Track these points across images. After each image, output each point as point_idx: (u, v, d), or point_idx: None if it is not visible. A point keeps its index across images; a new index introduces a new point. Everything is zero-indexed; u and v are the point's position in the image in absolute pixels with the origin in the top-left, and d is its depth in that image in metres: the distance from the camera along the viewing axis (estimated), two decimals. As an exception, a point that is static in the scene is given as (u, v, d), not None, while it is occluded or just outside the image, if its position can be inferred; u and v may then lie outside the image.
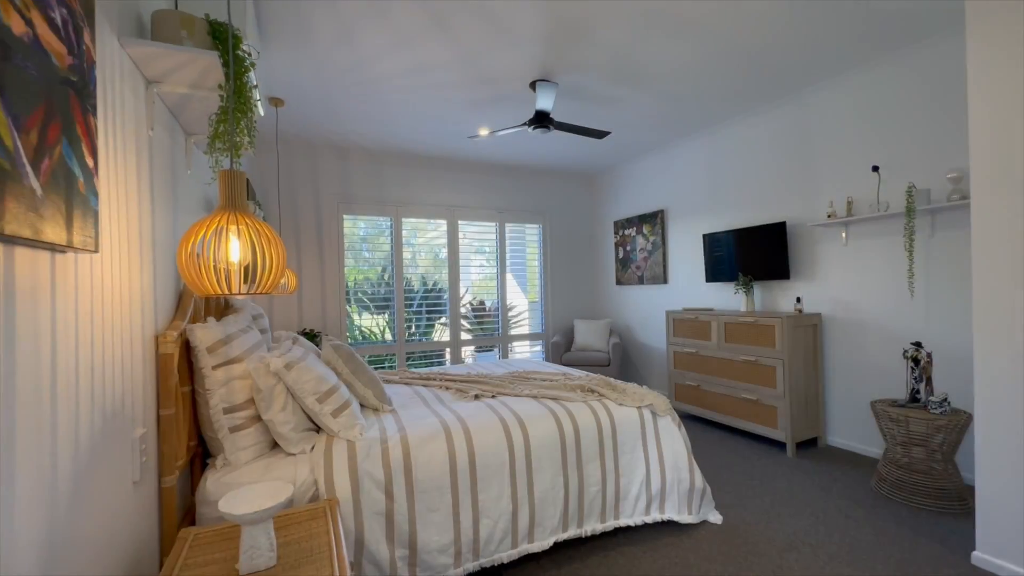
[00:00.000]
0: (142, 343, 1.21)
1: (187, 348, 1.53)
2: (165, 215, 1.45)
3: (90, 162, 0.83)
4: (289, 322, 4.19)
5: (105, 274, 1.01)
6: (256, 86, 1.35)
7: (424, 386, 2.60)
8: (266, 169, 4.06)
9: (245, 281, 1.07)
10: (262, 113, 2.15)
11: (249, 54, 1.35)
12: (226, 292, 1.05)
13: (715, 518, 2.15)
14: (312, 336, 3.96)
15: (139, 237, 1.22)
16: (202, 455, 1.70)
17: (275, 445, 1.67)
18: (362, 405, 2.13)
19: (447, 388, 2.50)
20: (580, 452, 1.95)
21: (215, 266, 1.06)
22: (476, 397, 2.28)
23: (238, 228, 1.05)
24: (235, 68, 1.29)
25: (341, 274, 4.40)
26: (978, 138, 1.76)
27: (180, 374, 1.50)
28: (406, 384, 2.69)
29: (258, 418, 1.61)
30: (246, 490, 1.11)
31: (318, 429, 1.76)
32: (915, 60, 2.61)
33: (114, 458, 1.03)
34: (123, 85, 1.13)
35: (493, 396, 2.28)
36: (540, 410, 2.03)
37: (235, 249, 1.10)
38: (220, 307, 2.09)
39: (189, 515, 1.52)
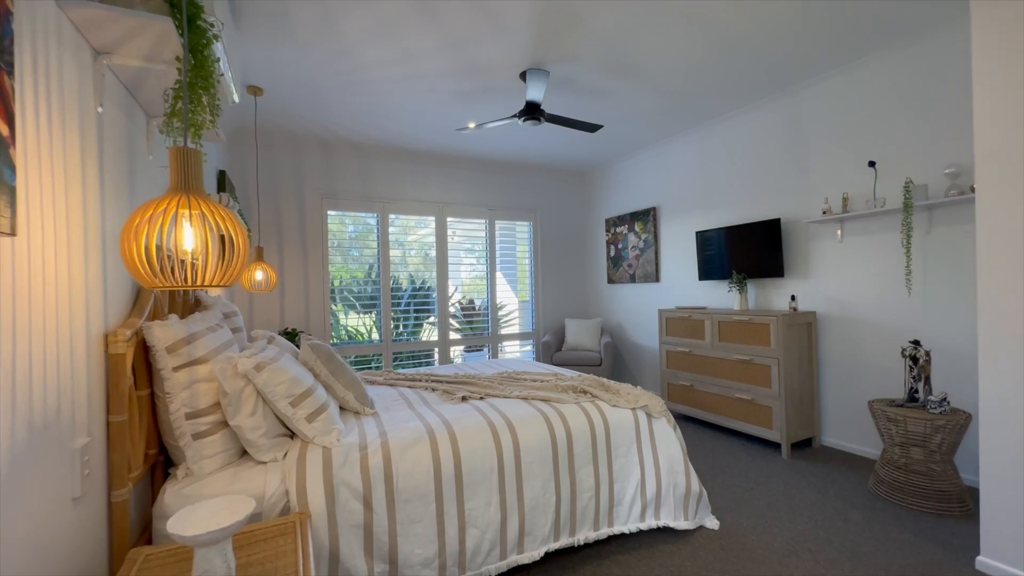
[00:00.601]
0: (86, 343, 1.08)
1: (147, 349, 1.40)
2: (119, 202, 1.32)
3: (4, 130, 0.71)
4: (270, 321, 4.04)
5: (34, 263, 0.88)
6: (219, 59, 1.23)
7: (409, 387, 2.49)
8: (246, 161, 3.90)
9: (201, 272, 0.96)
10: (236, 99, 2.02)
11: (212, 25, 1.23)
12: (177, 285, 0.94)
13: (712, 523, 2.07)
14: (293, 336, 3.81)
15: (83, 224, 1.09)
16: (165, 464, 1.57)
17: (244, 453, 1.55)
18: (342, 408, 2.01)
19: (433, 390, 2.39)
20: (572, 456, 1.86)
21: (167, 255, 0.94)
22: (463, 399, 2.17)
23: (190, 213, 0.93)
24: (194, 38, 1.17)
25: (325, 271, 4.26)
26: (983, 131, 1.70)
27: (138, 376, 1.37)
28: (390, 385, 2.58)
29: (225, 424, 1.48)
30: (201, 506, 0.99)
31: (293, 434, 1.64)
32: (912, 54, 2.56)
33: (46, 474, 0.90)
34: (62, 52, 1.01)
35: (481, 398, 2.17)
36: (530, 412, 1.93)
37: (188, 237, 0.98)
38: (189, 304, 1.96)
39: (148, 531, 1.39)
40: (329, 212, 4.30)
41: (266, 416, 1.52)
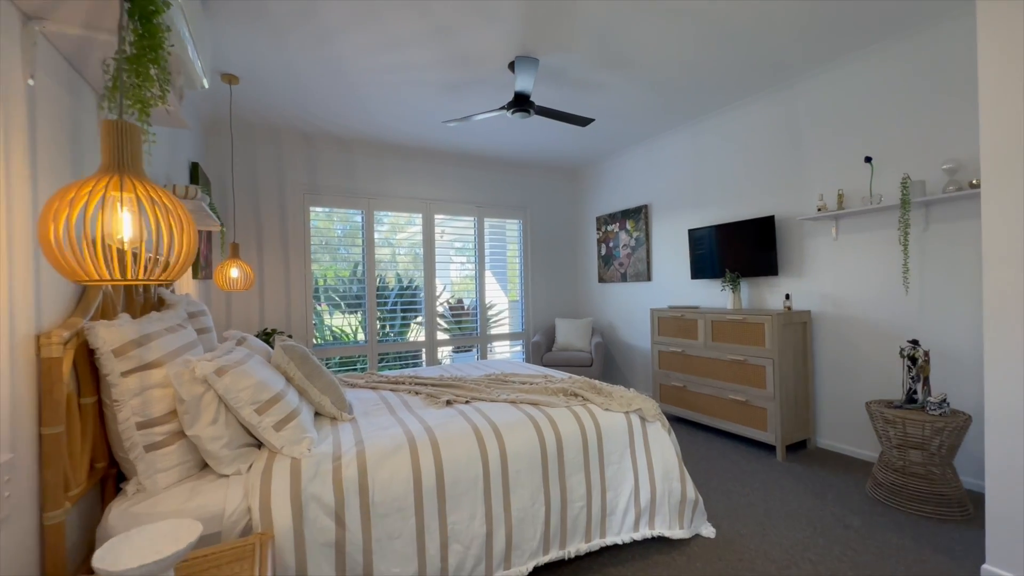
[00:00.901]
0: (9, 345, 0.95)
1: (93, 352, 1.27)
2: (58, 188, 1.18)
3: None
4: (249, 321, 3.88)
5: (-70, 252, 0.75)
6: (170, 29, 1.10)
7: (392, 391, 2.37)
8: (222, 153, 3.73)
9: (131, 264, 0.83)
10: (205, 84, 1.88)
11: (162, -9, 1.10)
12: (106, 278, 0.81)
13: (708, 531, 1.98)
14: (269, 336, 3.66)
15: (6, 212, 0.96)
16: (117, 478, 1.43)
17: (206, 465, 1.42)
18: (318, 414, 1.89)
19: (417, 393, 2.27)
20: (563, 464, 1.75)
21: (100, 244, 0.81)
22: (448, 403, 2.06)
23: (120, 195, 0.81)
24: (142, 3, 1.04)
25: (307, 269, 4.11)
26: (988, 126, 1.63)
27: (83, 382, 1.24)
28: (372, 388, 2.45)
29: (183, 434, 1.35)
30: (140, 533, 0.87)
31: (261, 444, 1.51)
32: (910, 47, 2.51)
33: (-51, 498, 0.77)
34: (-24, 11, 0.87)
35: (467, 402, 2.06)
36: (518, 417, 1.82)
37: (126, 224, 0.86)
38: (151, 302, 1.82)
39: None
40: (312, 208, 4.15)
41: (229, 425, 1.39)
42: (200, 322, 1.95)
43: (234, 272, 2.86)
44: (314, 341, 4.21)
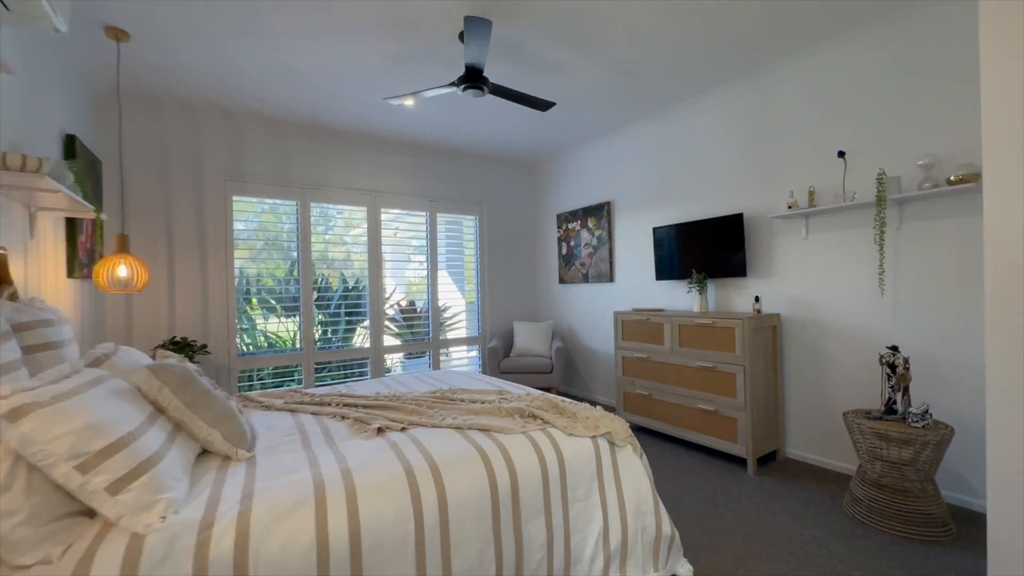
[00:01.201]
0: None
1: None
2: None
3: None
4: (156, 329, 3.29)
5: None
6: None
7: (314, 414, 1.95)
8: (115, 128, 3.14)
9: None
10: (59, 27, 1.45)
11: None
12: None
13: (685, 570, 1.72)
14: (185, 347, 3.11)
15: None
16: None
17: (1, 547, 0.98)
18: (207, 451, 1.46)
19: (343, 417, 1.87)
20: (518, 507, 1.43)
21: None
22: (379, 431, 1.68)
23: None
24: None
25: (230, 268, 3.57)
26: (991, 112, 1.46)
27: None
28: (291, 411, 2.02)
29: (-45, 508, 0.91)
30: None
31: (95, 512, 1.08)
32: (885, 36, 2.38)
33: None
34: None
35: (403, 428, 1.69)
36: (464, 450, 1.48)
37: None
38: (-43, 311, 1.32)
39: None
40: (235, 197, 3.61)
41: (32, 491, 0.95)
42: (38, 335, 1.46)
43: (122, 271, 2.34)
44: (243, 349, 3.68)
